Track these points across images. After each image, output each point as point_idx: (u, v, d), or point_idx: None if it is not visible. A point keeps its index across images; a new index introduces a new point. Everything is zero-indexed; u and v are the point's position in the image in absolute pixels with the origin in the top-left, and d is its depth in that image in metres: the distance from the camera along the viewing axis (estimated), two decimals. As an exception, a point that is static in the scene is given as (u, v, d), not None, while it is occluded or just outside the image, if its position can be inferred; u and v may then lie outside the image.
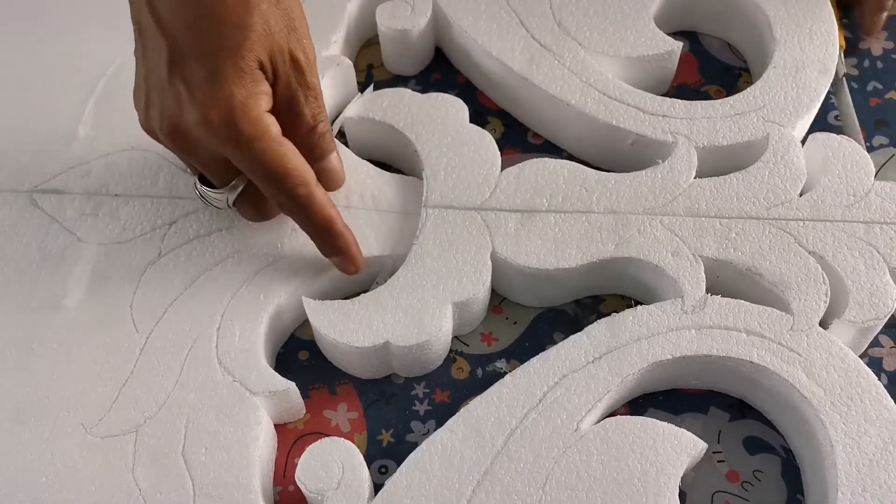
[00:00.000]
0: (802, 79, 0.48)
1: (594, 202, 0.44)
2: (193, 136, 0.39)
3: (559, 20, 0.50)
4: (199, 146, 0.40)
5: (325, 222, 0.42)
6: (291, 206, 0.41)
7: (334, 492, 0.37)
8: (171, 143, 0.41)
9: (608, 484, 0.37)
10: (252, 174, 0.40)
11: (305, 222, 0.42)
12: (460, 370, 0.44)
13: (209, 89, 0.38)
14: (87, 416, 0.40)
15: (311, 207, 0.41)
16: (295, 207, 0.41)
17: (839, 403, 0.38)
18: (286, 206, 0.41)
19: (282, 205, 0.41)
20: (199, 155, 0.41)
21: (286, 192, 0.40)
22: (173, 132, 0.40)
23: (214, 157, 0.41)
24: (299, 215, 0.42)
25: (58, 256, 0.45)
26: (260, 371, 0.41)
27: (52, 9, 0.54)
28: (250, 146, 0.39)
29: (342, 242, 0.42)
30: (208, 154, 0.40)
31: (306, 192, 0.41)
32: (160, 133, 0.41)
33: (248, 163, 0.40)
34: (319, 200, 0.41)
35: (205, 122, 0.38)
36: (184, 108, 0.39)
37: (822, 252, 0.42)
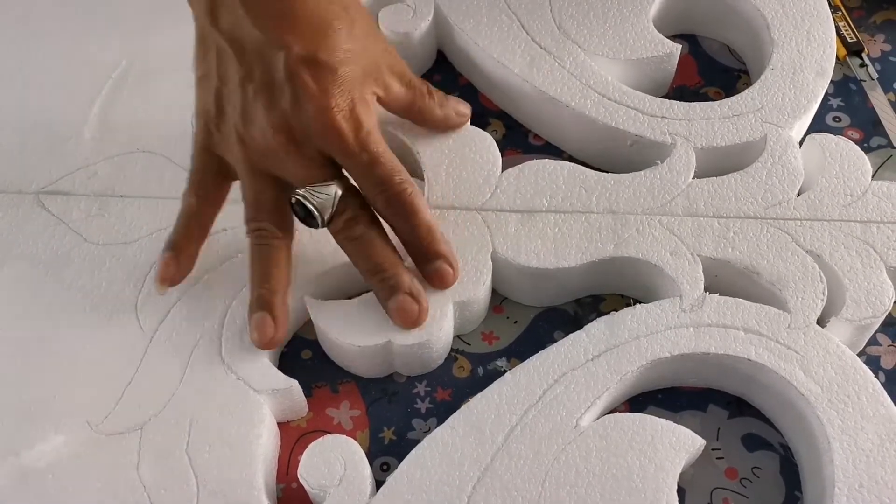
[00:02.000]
0: (800, 80, 0.48)
1: (594, 202, 0.45)
2: (307, 131, 0.40)
3: (559, 23, 0.51)
4: (306, 144, 0.40)
5: (429, 223, 0.41)
6: (397, 203, 0.41)
7: (336, 488, 0.38)
8: (275, 136, 0.40)
9: (607, 480, 0.38)
10: (364, 171, 0.40)
11: (408, 223, 0.41)
12: (461, 369, 0.44)
13: (333, 81, 0.39)
14: (92, 414, 0.40)
15: (417, 205, 0.41)
16: (400, 206, 0.41)
17: (836, 400, 0.39)
18: (390, 206, 0.41)
19: (385, 205, 0.41)
20: (304, 152, 0.40)
21: (394, 187, 0.40)
22: (283, 129, 0.40)
23: (318, 154, 0.40)
24: (404, 215, 0.41)
25: (64, 257, 0.45)
26: (263, 369, 0.41)
27: (59, 12, 0.55)
28: (366, 136, 0.40)
29: (444, 247, 0.41)
30: (314, 153, 0.40)
31: (413, 190, 0.41)
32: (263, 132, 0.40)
33: (362, 157, 0.40)
34: (422, 201, 0.41)
35: (327, 114, 0.39)
36: (303, 104, 0.39)
37: (819, 251, 0.43)
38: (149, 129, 0.50)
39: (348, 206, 0.41)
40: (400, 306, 0.41)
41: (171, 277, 0.43)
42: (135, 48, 0.53)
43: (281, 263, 0.42)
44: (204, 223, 0.43)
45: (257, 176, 0.42)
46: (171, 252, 0.43)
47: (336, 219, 0.41)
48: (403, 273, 0.41)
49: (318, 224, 0.41)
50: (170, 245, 0.43)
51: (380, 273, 0.41)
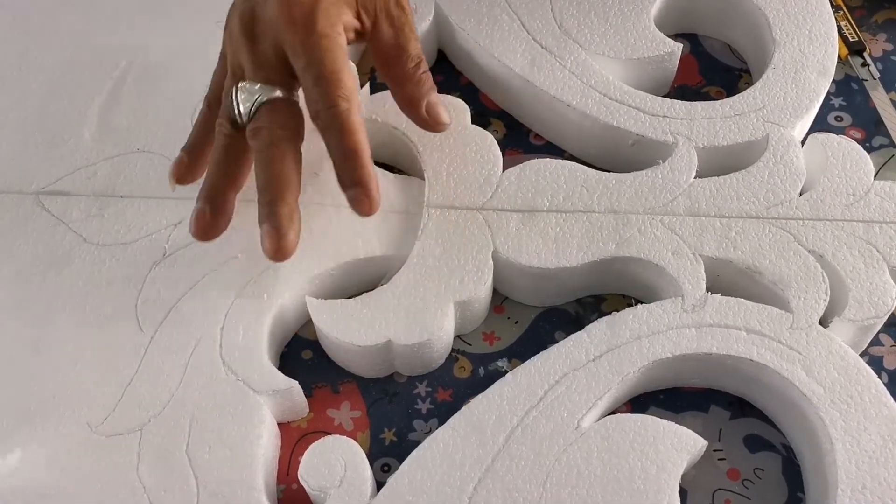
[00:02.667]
0: (802, 80, 0.48)
1: (595, 202, 0.45)
2: (266, 21, 0.40)
3: (560, 23, 0.51)
4: (266, 34, 0.41)
5: (356, 145, 0.40)
6: (328, 116, 0.40)
7: (337, 489, 0.38)
8: (241, 27, 0.41)
9: (609, 481, 0.37)
10: (306, 69, 0.40)
11: (336, 140, 0.40)
12: (462, 369, 0.44)
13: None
14: (92, 415, 0.40)
15: (347, 124, 0.40)
16: (331, 120, 0.40)
17: (839, 401, 0.39)
18: (323, 117, 0.40)
19: (318, 115, 0.40)
20: (260, 44, 0.41)
21: (330, 99, 0.40)
22: (247, 15, 0.41)
23: (274, 51, 0.41)
24: (332, 131, 0.40)
25: (64, 257, 0.45)
26: (263, 370, 0.41)
27: (58, 12, 0.55)
28: (318, 40, 0.40)
29: (364, 172, 0.40)
30: (270, 44, 0.41)
31: (348, 107, 0.40)
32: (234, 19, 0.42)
33: (308, 56, 0.40)
34: (356, 122, 0.40)
35: (285, 4, 0.40)
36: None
37: (821, 251, 0.42)
38: (149, 130, 0.49)
39: (265, 116, 0.41)
40: (265, 234, 0.40)
41: (180, 174, 0.43)
42: (134, 49, 0.53)
43: (231, 159, 0.42)
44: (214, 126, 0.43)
45: (232, 69, 0.42)
46: (184, 152, 0.44)
47: (253, 122, 0.41)
48: (283, 204, 0.40)
49: (237, 121, 0.41)
50: (185, 147, 0.44)
51: (265, 193, 0.40)
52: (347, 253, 0.44)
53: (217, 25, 0.44)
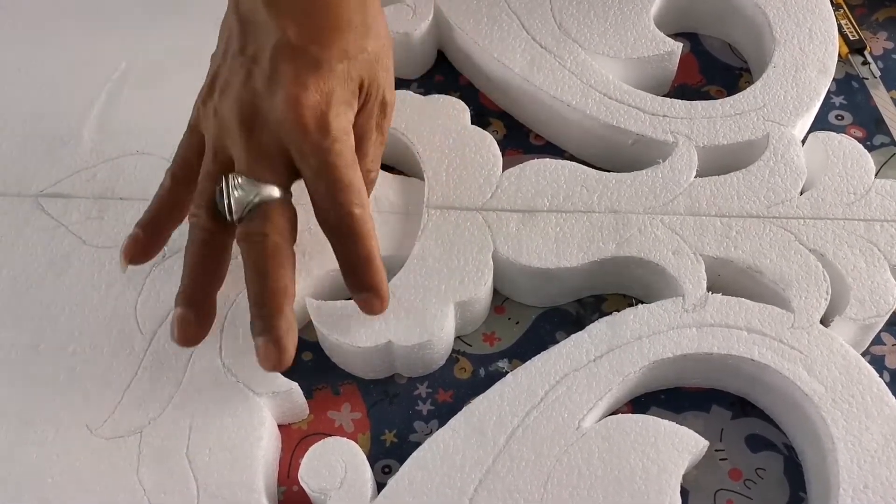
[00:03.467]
0: (802, 78, 0.48)
1: (595, 202, 0.45)
2: (270, 118, 0.38)
3: (560, 22, 0.51)
4: (264, 129, 0.38)
5: (370, 252, 0.39)
6: (340, 224, 0.38)
7: (337, 491, 0.38)
8: (238, 116, 0.38)
9: (610, 482, 0.37)
10: (316, 174, 0.38)
11: (349, 247, 0.39)
12: (463, 370, 0.44)
13: (316, 76, 0.38)
14: (92, 418, 0.40)
15: (361, 231, 0.38)
16: (343, 227, 0.38)
17: (840, 400, 0.39)
18: (334, 223, 0.38)
19: (328, 220, 0.39)
20: (260, 138, 0.38)
21: (342, 205, 0.38)
22: (247, 105, 0.38)
23: (277, 149, 0.38)
24: (344, 237, 0.39)
25: (63, 260, 0.45)
26: (264, 372, 0.41)
27: (58, 14, 0.55)
28: (332, 145, 0.38)
29: (378, 279, 0.39)
30: (272, 141, 0.38)
31: (361, 213, 0.38)
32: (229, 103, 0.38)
33: (319, 160, 0.37)
34: (370, 227, 0.39)
35: (295, 102, 0.37)
36: (277, 86, 0.37)
37: (822, 250, 0.42)
38: (148, 132, 0.49)
39: (263, 220, 0.38)
40: (262, 348, 0.37)
41: (132, 256, 0.40)
42: (134, 51, 0.53)
43: (211, 257, 0.39)
44: (177, 204, 0.41)
45: (215, 154, 0.39)
46: (139, 229, 0.40)
47: (244, 224, 0.38)
48: (281, 317, 0.37)
49: (225, 217, 0.38)
50: (139, 222, 0.41)
51: (259, 305, 0.38)
52: (347, 254, 0.44)
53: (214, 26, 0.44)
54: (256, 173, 0.38)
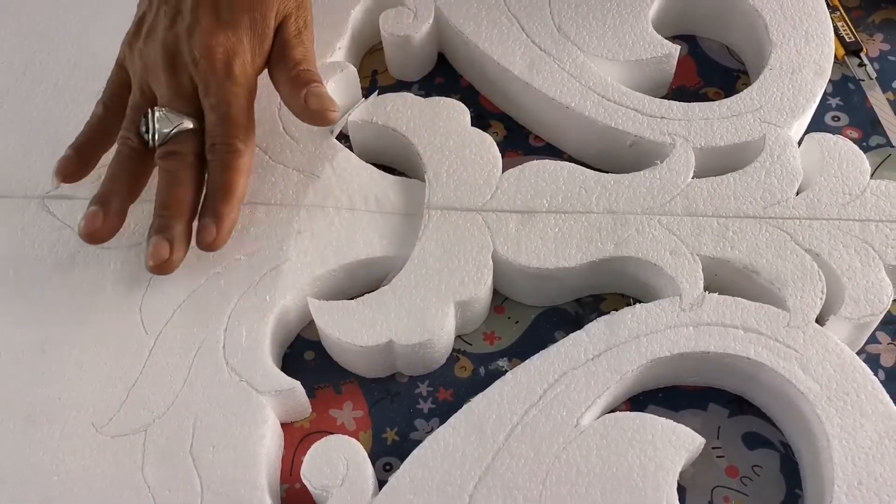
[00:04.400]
0: (798, 80, 0.48)
1: (594, 203, 0.45)
2: (186, 59, 0.44)
3: (559, 25, 0.51)
4: (183, 70, 0.44)
5: (235, 185, 0.43)
6: (222, 152, 0.43)
7: (339, 488, 0.38)
8: (163, 56, 0.44)
9: (608, 479, 0.38)
10: (213, 108, 0.44)
11: (219, 174, 0.43)
12: (463, 369, 0.45)
13: (227, 28, 0.44)
14: (97, 417, 0.41)
15: (236, 164, 0.43)
16: (222, 156, 0.43)
17: (835, 398, 0.39)
18: (217, 151, 0.43)
19: (213, 148, 0.44)
20: (179, 76, 0.44)
21: (226, 137, 0.43)
22: (170, 48, 0.44)
23: (191, 85, 0.44)
24: (220, 165, 0.43)
25: (69, 261, 0.46)
26: (266, 371, 0.42)
27: (62, 16, 0.55)
28: (231, 86, 0.44)
29: (227, 209, 0.43)
30: (188, 79, 0.44)
31: (242, 148, 0.44)
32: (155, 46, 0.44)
33: (217, 97, 0.43)
34: (245, 165, 0.44)
35: (208, 48, 0.43)
36: (195, 33, 0.44)
37: (818, 250, 0.43)
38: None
39: (181, 143, 0.44)
40: (154, 244, 0.43)
41: (66, 173, 0.45)
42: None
43: (132, 171, 0.45)
44: (107, 130, 0.46)
45: (140, 90, 0.45)
46: (73, 150, 0.46)
47: (164, 146, 0.44)
48: (180, 222, 0.43)
49: (147, 142, 0.44)
50: (73, 144, 0.46)
51: (162, 210, 0.43)
52: (349, 254, 0.45)
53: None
54: (176, 107, 0.44)
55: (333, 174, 0.47)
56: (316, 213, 0.46)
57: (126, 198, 0.45)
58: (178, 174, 0.44)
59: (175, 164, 0.44)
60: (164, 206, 0.43)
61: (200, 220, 0.44)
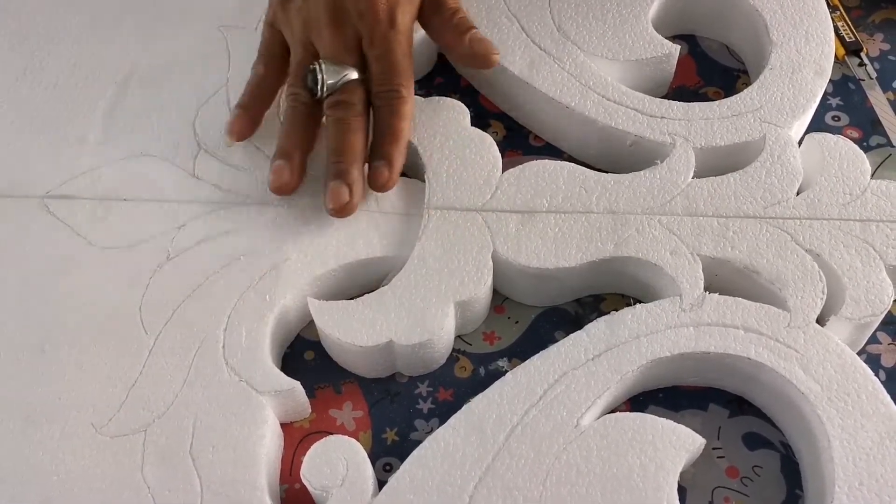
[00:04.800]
0: (799, 80, 0.48)
1: (594, 202, 0.45)
2: (350, 12, 0.45)
3: (559, 25, 0.51)
4: (347, 23, 0.45)
5: (400, 129, 0.45)
6: (388, 98, 0.45)
7: (339, 489, 0.38)
8: (327, 11, 0.45)
9: (608, 479, 0.38)
10: (378, 58, 0.46)
11: (387, 119, 0.45)
12: (463, 369, 0.44)
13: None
14: (97, 417, 0.41)
15: (401, 109, 0.45)
16: (390, 101, 0.45)
17: (836, 399, 0.39)
18: (383, 98, 0.45)
19: (379, 95, 0.46)
20: (344, 29, 0.45)
21: (393, 84, 0.45)
22: (334, 3, 0.45)
23: (355, 38, 0.46)
24: (386, 110, 0.45)
25: (69, 260, 0.46)
26: (266, 371, 0.42)
27: (64, 17, 0.55)
28: (395, 35, 0.46)
29: (397, 152, 0.45)
30: (352, 31, 0.46)
31: (406, 95, 0.46)
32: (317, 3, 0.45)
33: (382, 47, 0.45)
34: (409, 110, 0.46)
35: (373, 2, 0.45)
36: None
37: (818, 250, 0.43)
38: (152, 134, 0.50)
39: (349, 93, 0.45)
40: (334, 189, 0.44)
41: (238, 131, 0.47)
42: (139, 53, 0.53)
43: (306, 125, 0.46)
44: (269, 88, 0.48)
45: (302, 46, 0.47)
46: (240, 109, 0.48)
47: (332, 96, 0.45)
48: (356, 167, 0.45)
49: (316, 93, 0.46)
50: (240, 104, 0.48)
51: (337, 156, 0.45)
52: (349, 254, 0.45)
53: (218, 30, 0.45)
54: (340, 59, 0.46)
55: (333, 174, 0.47)
56: (317, 212, 0.46)
57: (305, 150, 0.46)
58: (350, 122, 0.45)
59: (345, 112, 0.45)
60: (339, 152, 0.45)
61: (372, 162, 0.45)
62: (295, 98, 0.46)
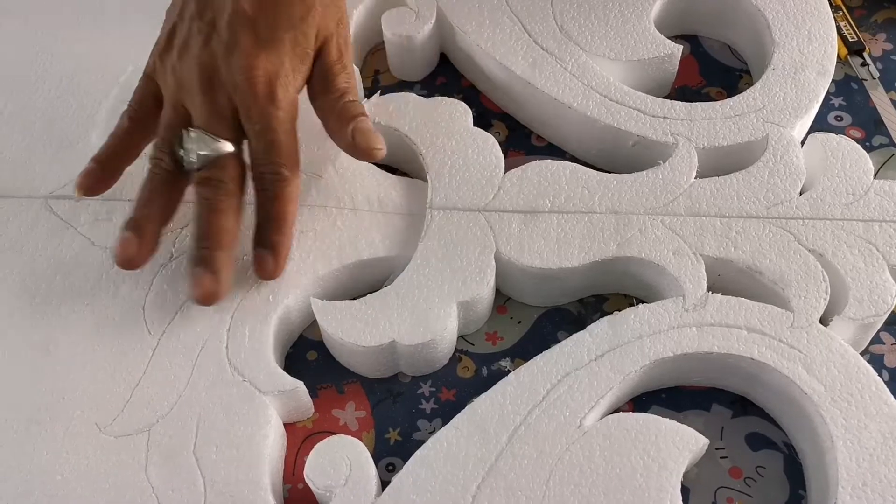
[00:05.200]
0: (801, 80, 0.48)
1: (596, 203, 0.45)
2: (224, 80, 0.42)
3: (561, 25, 0.51)
4: (221, 91, 0.42)
5: (285, 214, 0.43)
6: (270, 181, 0.42)
7: (342, 488, 0.38)
8: (199, 75, 0.42)
9: (611, 480, 0.38)
10: (257, 135, 0.42)
11: (269, 203, 0.42)
12: (466, 369, 0.45)
13: (268, 48, 0.42)
14: (101, 416, 0.41)
15: (284, 192, 0.42)
16: (272, 184, 0.42)
17: (839, 399, 0.39)
18: (266, 180, 0.42)
19: (262, 177, 0.42)
20: (217, 97, 0.42)
21: (273, 164, 0.42)
22: (207, 68, 0.42)
23: (230, 108, 0.42)
24: (269, 194, 0.42)
25: (72, 261, 0.46)
26: (269, 371, 0.42)
27: (66, 18, 0.56)
28: (275, 111, 0.42)
29: (281, 240, 0.43)
30: (226, 100, 0.42)
31: (289, 176, 0.42)
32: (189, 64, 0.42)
33: (262, 123, 0.42)
34: (293, 193, 0.43)
35: (249, 70, 0.41)
36: (234, 53, 0.41)
37: (821, 250, 0.43)
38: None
39: (221, 169, 0.42)
40: (196, 278, 0.41)
41: (87, 186, 0.44)
42: (141, 54, 0.53)
43: (166, 194, 0.43)
44: (133, 144, 0.45)
45: (173, 108, 0.43)
46: (95, 163, 0.44)
47: (202, 171, 0.42)
48: (221, 252, 0.42)
49: (182, 166, 0.42)
50: (96, 157, 0.44)
51: (201, 241, 0.42)
52: (351, 254, 0.45)
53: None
54: (214, 129, 0.42)
55: (336, 174, 0.47)
56: (319, 213, 0.46)
57: (160, 222, 0.43)
58: (219, 202, 0.42)
59: (214, 192, 0.42)
60: (204, 236, 0.42)
61: (256, 250, 0.43)
62: (157, 163, 0.43)
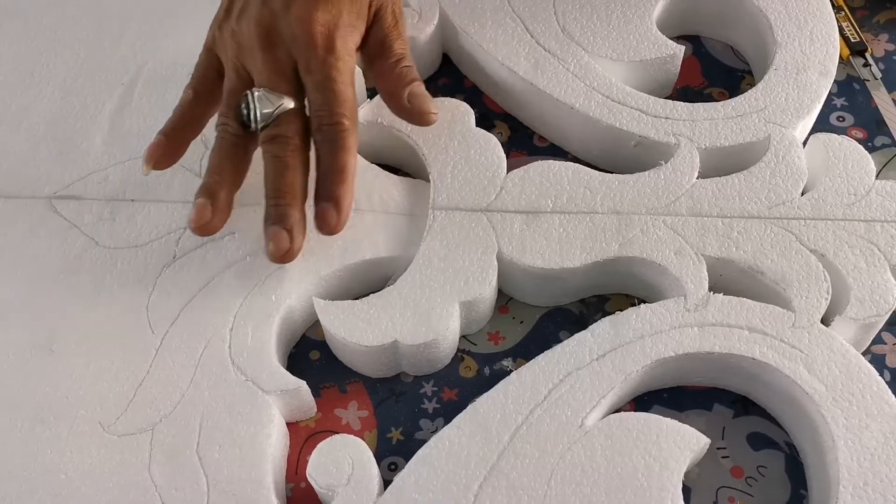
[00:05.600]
0: (803, 80, 0.48)
1: (598, 203, 0.45)
2: (283, 34, 0.42)
3: (563, 26, 0.51)
4: (280, 46, 0.42)
5: (346, 164, 0.42)
6: (330, 131, 0.42)
7: (344, 487, 0.38)
8: (257, 33, 0.42)
9: (612, 479, 0.38)
10: (317, 86, 0.42)
11: (330, 154, 0.42)
12: (468, 369, 0.45)
13: (326, 1, 0.42)
14: (104, 416, 0.41)
15: (345, 142, 0.42)
16: (332, 134, 0.42)
17: (840, 399, 0.39)
18: (325, 131, 0.42)
19: (320, 128, 0.42)
20: (276, 53, 0.42)
21: (334, 115, 0.42)
22: (265, 24, 0.42)
23: (289, 62, 0.42)
24: (329, 145, 0.42)
25: (76, 261, 0.46)
26: (272, 370, 0.42)
27: (71, 19, 0.56)
28: (334, 61, 0.42)
29: (345, 189, 0.42)
30: (286, 55, 0.42)
31: (349, 126, 0.42)
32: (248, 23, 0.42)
33: (322, 74, 0.42)
34: (353, 142, 0.42)
35: (308, 21, 0.42)
36: (292, 7, 0.42)
37: (823, 250, 0.43)
38: (158, 134, 0.50)
39: (285, 125, 0.42)
40: (273, 236, 0.42)
41: (155, 159, 0.44)
42: (145, 55, 0.54)
43: (236, 159, 0.43)
44: (198, 116, 0.45)
45: (235, 72, 0.44)
46: (162, 136, 0.44)
47: (267, 129, 0.42)
48: (295, 209, 0.42)
49: (250, 126, 0.42)
50: (163, 130, 0.44)
51: (275, 198, 0.42)
52: (354, 254, 0.45)
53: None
54: (275, 86, 0.42)
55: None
56: (321, 213, 0.46)
57: (232, 187, 0.43)
58: (287, 158, 0.42)
59: (281, 148, 0.42)
60: (277, 193, 0.42)
61: (318, 203, 0.42)
62: (224, 129, 0.43)
